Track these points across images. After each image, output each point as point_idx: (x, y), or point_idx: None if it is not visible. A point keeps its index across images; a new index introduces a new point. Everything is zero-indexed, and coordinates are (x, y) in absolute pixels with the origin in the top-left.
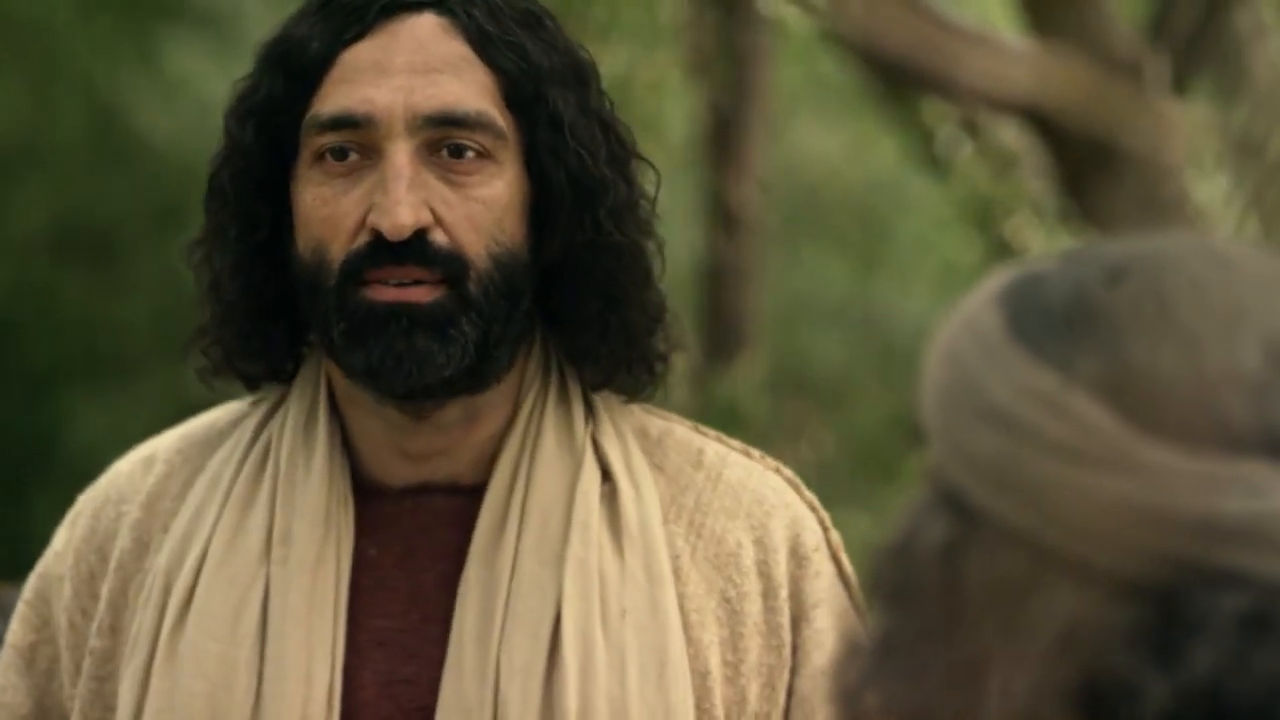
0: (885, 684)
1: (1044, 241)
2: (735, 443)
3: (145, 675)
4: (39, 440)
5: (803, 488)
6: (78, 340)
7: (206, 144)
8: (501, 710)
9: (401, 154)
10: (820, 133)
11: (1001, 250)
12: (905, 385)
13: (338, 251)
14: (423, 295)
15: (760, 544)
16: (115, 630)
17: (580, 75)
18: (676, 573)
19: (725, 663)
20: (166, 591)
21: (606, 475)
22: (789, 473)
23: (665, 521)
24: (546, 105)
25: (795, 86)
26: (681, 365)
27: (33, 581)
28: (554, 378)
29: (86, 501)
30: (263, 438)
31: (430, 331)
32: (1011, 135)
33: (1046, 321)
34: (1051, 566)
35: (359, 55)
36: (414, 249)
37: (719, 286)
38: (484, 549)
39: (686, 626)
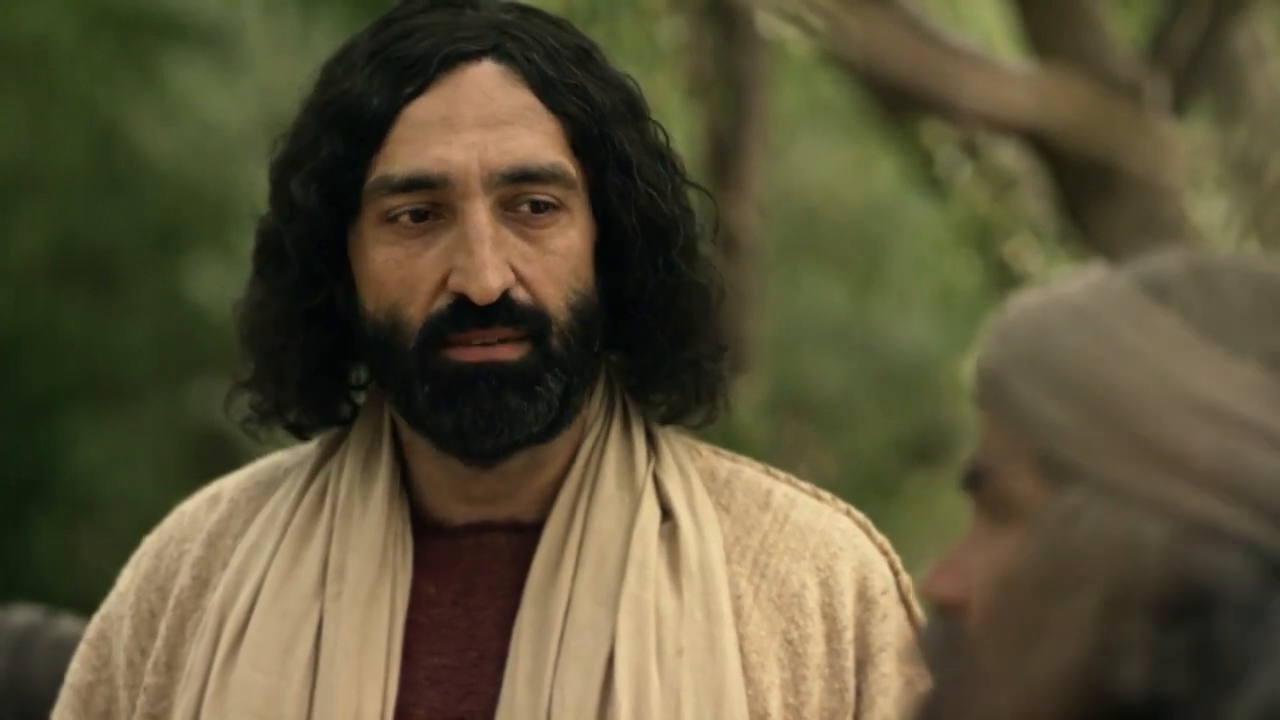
0: None
1: (1043, 263)
2: (805, 485)
3: (196, 709)
4: (39, 464)
5: (873, 530)
6: (78, 364)
7: (207, 165)
8: None
9: (481, 214)
10: (819, 155)
11: (1001, 272)
12: (905, 407)
13: (416, 313)
14: (509, 353)
15: (826, 586)
16: (171, 667)
17: (634, 108)
18: (738, 613)
19: (786, 705)
20: (220, 625)
21: (667, 513)
22: (860, 515)
23: (729, 561)
24: (613, 148)
25: (795, 109)
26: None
27: (95, 622)
28: (617, 415)
29: (151, 542)
30: (320, 476)
31: (518, 390)
32: (1011, 157)
33: (1237, 317)
34: None
35: (424, 111)
36: (499, 309)
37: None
38: (539, 587)
39: (747, 668)
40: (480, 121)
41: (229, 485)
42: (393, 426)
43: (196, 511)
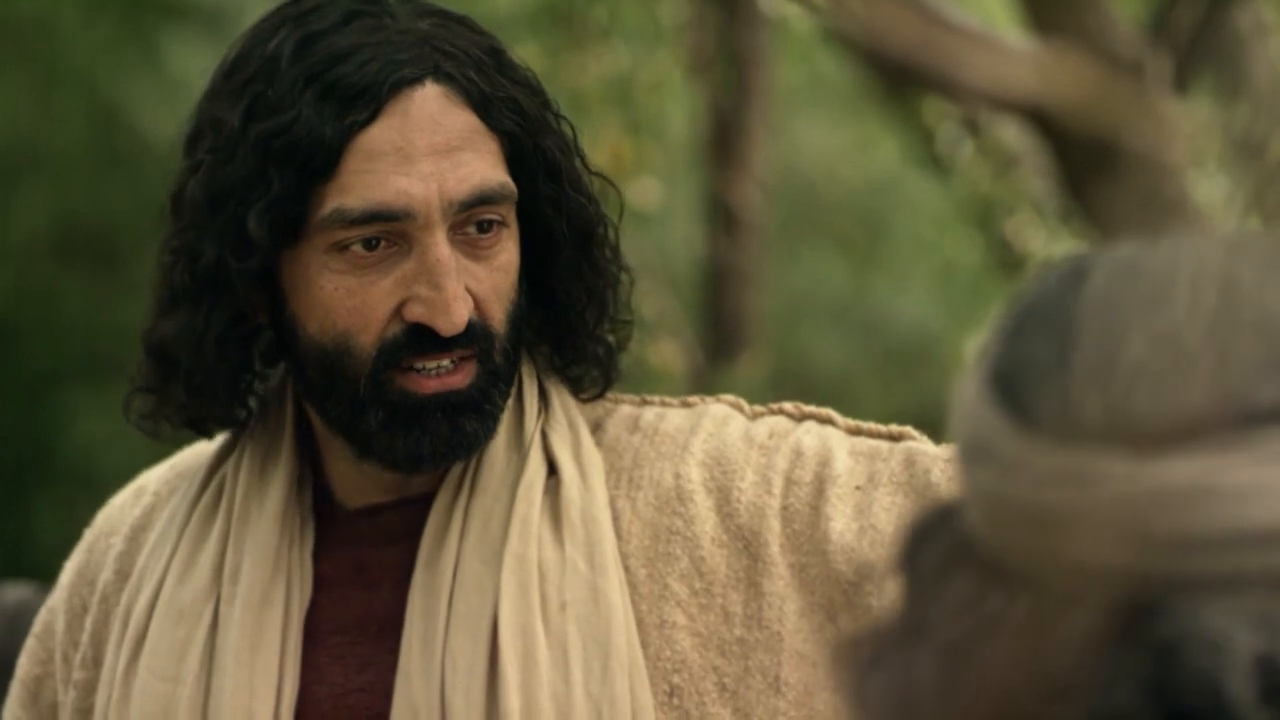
0: (891, 674)
1: (1045, 241)
2: (679, 399)
3: (105, 716)
4: (39, 442)
5: (745, 404)
6: (79, 343)
7: None
8: (448, 713)
9: (443, 246)
10: (821, 132)
11: (1002, 250)
12: (906, 384)
13: (368, 340)
14: (461, 380)
15: (704, 465)
16: (97, 662)
17: (545, 104)
18: (619, 534)
19: (694, 592)
20: (123, 630)
21: (554, 468)
22: (731, 397)
23: (609, 490)
24: (544, 157)
25: (796, 86)
26: (681, 365)
27: (41, 615)
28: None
29: (86, 536)
30: (217, 476)
31: (472, 414)
32: (1012, 135)
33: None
34: (1051, 601)
35: (375, 141)
36: (459, 334)
37: (720, 287)
38: (430, 554)
39: (635, 584)
40: (433, 150)
41: (153, 477)
42: (295, 424)
43: (124, 505)
